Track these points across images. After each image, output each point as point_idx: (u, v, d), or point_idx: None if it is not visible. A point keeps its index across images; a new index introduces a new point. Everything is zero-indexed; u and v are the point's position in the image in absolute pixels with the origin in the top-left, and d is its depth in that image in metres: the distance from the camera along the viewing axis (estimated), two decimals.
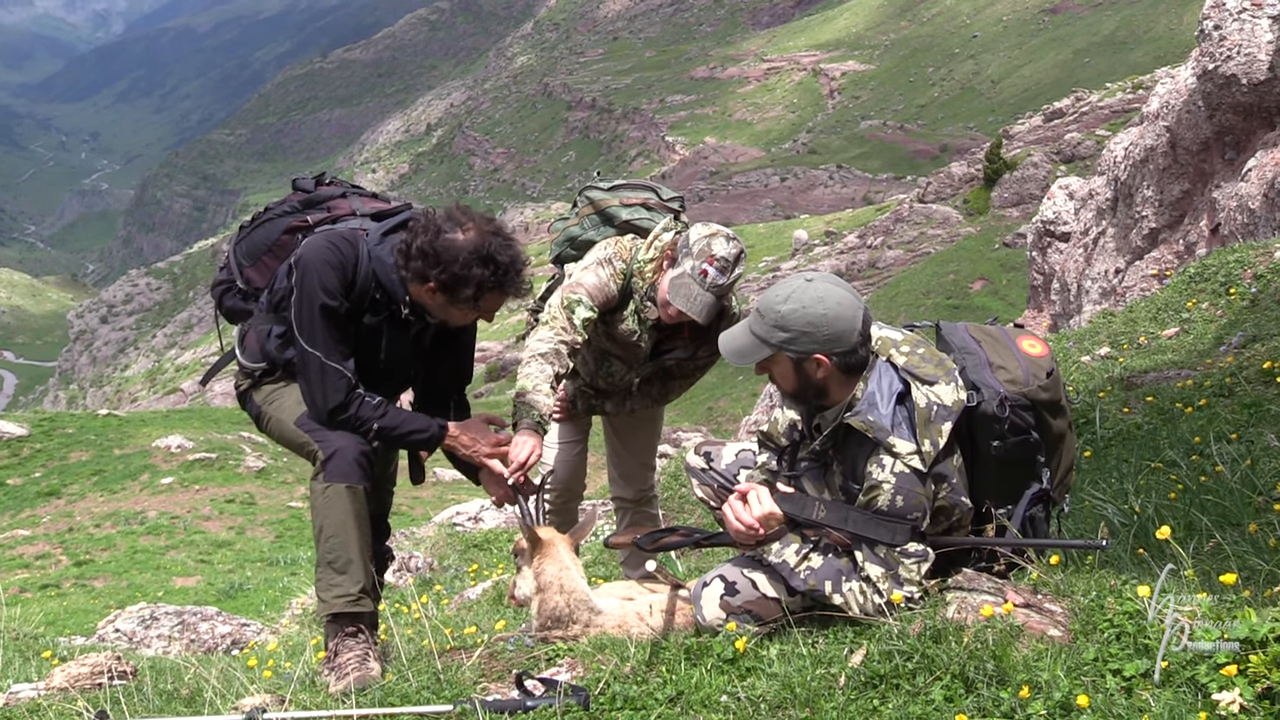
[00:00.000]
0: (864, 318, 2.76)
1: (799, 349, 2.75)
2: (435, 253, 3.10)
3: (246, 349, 3.40)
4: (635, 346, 3.94)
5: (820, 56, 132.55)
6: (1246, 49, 9.78)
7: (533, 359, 3.61)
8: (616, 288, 3.81)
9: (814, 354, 2.75)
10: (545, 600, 3.21)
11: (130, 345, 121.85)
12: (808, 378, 2.81)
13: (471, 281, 3.10)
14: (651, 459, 4.53)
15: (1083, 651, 2.36)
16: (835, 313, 2.72)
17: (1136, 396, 5.92)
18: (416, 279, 3.15)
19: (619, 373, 4.08)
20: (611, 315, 3.87)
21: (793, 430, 3.05)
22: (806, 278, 2.80)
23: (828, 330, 2.72)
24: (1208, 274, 8.11)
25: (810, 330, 2.73)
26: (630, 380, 4.12)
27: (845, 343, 2.74)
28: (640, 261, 3.81)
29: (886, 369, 2.80)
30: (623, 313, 3.87)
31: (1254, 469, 3.89)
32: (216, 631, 8.27)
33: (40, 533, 16.70)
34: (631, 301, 3.86)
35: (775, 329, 2.76)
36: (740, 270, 3.66)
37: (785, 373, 2.83)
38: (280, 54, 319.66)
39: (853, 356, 2.77)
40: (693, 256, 3.61)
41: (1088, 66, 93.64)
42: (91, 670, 3.68)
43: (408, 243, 3.16)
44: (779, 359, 2.81)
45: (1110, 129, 40.95)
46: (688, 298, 3.60)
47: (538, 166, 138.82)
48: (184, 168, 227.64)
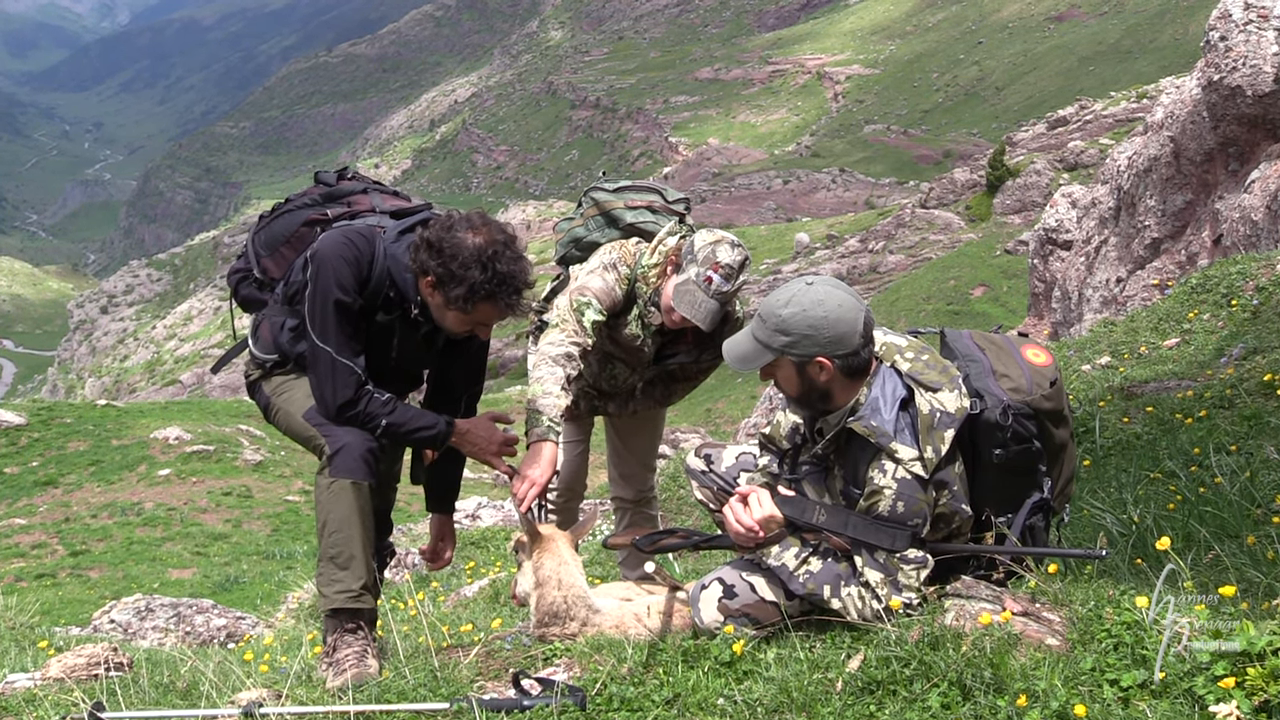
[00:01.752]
0: (865, 320, 2.76)
1: (801, 352, 2.75)
2: (439, 246, 3.10)
3: (260, 339, 3.40)
4: (639, 350, 3.94)
5: (825, 60, 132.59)
6: (1252, 60, 9.79)
7: (543, 362, 3.59)
8: (621, 292, 3.80)
9: (816, 357, 2.75)
10: (543, 595, 3.21)
11: (130, 336, 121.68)
12: (811, 381, 2.81)
13: (465, 282, 3.07)
14: (652, 460, 4.53)
15: (1080, 661, 2.36)
16: (836, 315, 2.73)
17: (1136, 406, 5.92)
18: (419, 271, 3.15)
19: (622, 375, 4.08)
20: (615, 319, 3.86)
21: (794, 434, 3.04)
22: (807, 281, 2.80)
23: (829, 333, 2.73)
24: (1209, 285, 8.11)
25: (812, 333, 2.73)
26: (633, 383, 4.12)
27: (847, 345, 2.74)
28: (644, 266, 3.80)
29: (890, 375, 2.80)
30: (626, 317, 3.87)
31: (1253, 481, 3.89)
32: (212, 624, 8.26)
33: (37, 522, 16.70)
34: (635, 306, 3.85)
35: (777, 333, 2.76)
36: (745, 277, 3.65)
37: (789, 376, 2.83)
38: (285, 47, 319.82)
39: (855, 359, 2.77)
40: (697, 263, 3.60)
41: (1092, 74, 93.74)
42: (88, 661, 3.68)
43: (419, 236, 3.17)
44: (782, 363, 2.81)
45: (1114, 138, 40.96)
46: (692, 304, 3.58)
47: (541, 164, 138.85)
48: (187, 159, 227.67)
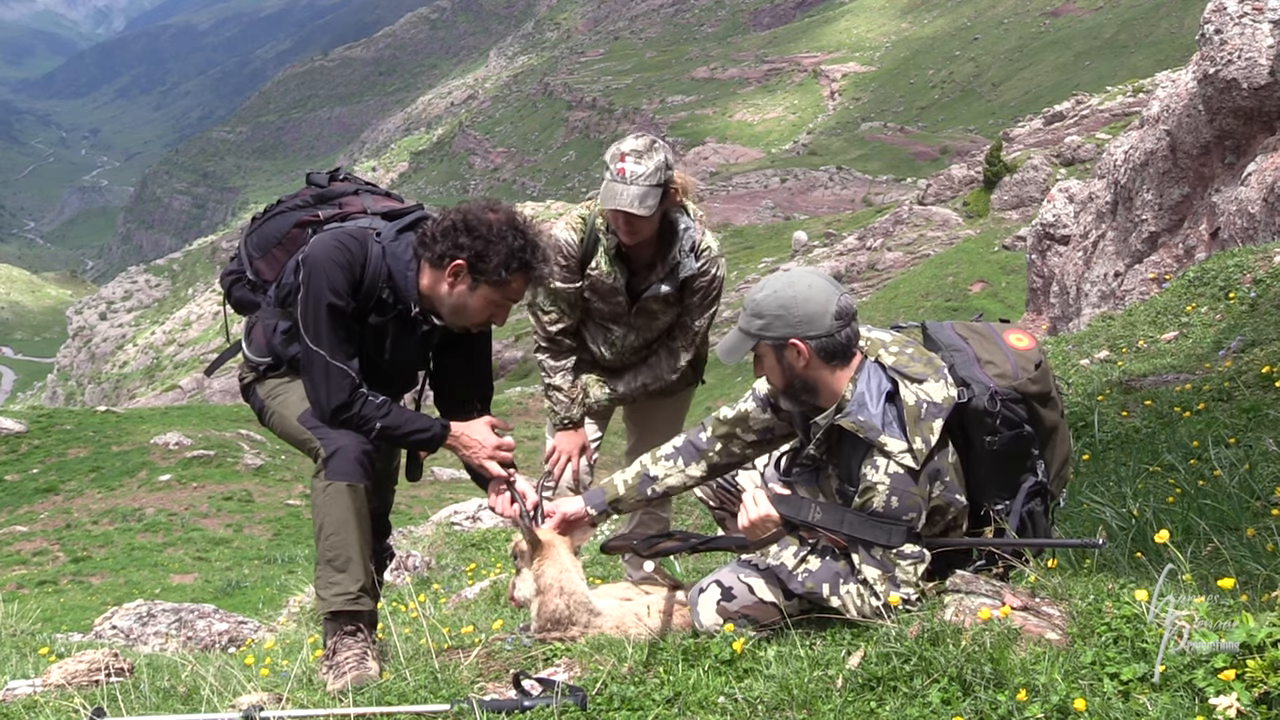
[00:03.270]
0: (840, 303, 2.77)
1: (775, 334, 2.78)
2: (469, 223, 3.12)
3: (253, 342, 3.39)
4: (615, 292, 3.98)
5: (821, 58, 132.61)
6: (1247, 53, 9.79)
7: (545, 357, 4.04)
8: (578, 236, 3.94)
9: (789, 339, 2.76)
10: (545, 603, 3.21)
11: (129, 342, 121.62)
12: (791, 368, 2.82)
13: (503, 249, 3.10)
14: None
15: (1080, 655, 2.36)
16: (805, 295, 2.76)
17: (1135, 400, 5.92)
18: (443, 258, 3.14)
19: (619, 339, 4.09)
20: (588, 270, 3.97)
21: (769, 431, 3.09)
22: (785, 269, 2.83)
23: (799, 312, 2.75)
24: (1207, 278, 8.11)
25: (782, 313, 2.76)
26: (632, 343, 4.11)
27: (819, 325, 2.75)
28: (597, 207, 3.94)
29: (875, 369, 2.81)
30: (595, 260, 3.95)
31: (1252, 473, 3.89)
32: (214, 629, 8.25)
33: (38, 529, 16.70)
34: (599, 247, 3.94)
35: (753, 318, 2.81)
36: (662, 156, 3.69)
37: (772, 365, 2.86)
38: (281, 52, 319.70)
39: (830, 341, 2.77)
40: (608, 165, 3.73)
41: (1088, 69, 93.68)
42: (89, 667, 3.67)
43: (429, 230, 3.17)
44: (764, 351, 2.84)
45: (1110, 132, 40.93)
46: (615, 196, 3.66)
47: (538, 166, 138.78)
48: (184, 165, 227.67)
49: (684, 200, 3.91)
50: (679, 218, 3.89)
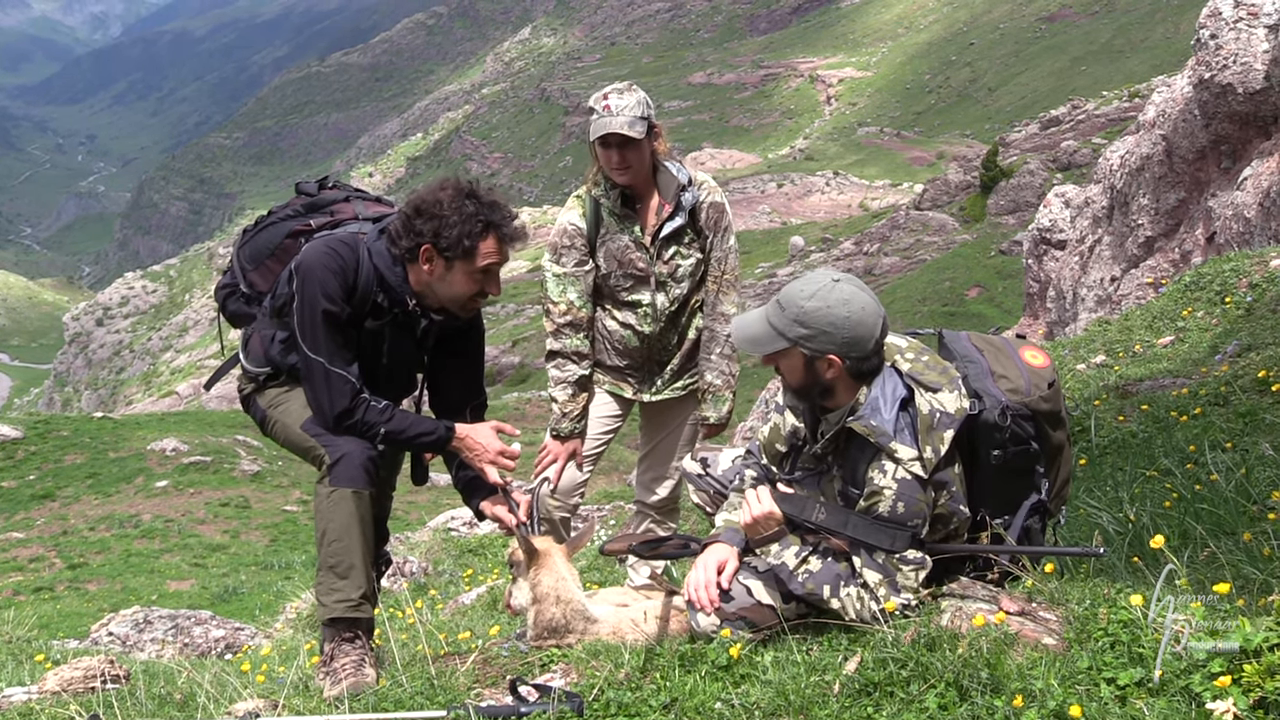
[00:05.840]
0: (882, 327, 2.75)
1: (815, 347, 2.74)
2: (419, 209, 3.14)
3: (250, 353, 3.38)
4: (632, 248, 4.00)
5: (817, 63, 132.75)
6: (1243, 58, 9.81)
7: (550, 366, 4.08)
8: (581, 211, 4.02)
9: (828, 354, 2.74)
10: (542, 611, 3.20)
11: (126, 348, 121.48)
12: (817, 376, 2.79)
13: (458, 219, 3.09)
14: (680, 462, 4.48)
15: (1077, 660, 2.35)
16: (859, 318, 2.71)
17: (1132, 404, 5.93)
18: (414, 245, 3.14)
19: (648, 306, 4.06)
20: (603, 239, 4.03)
21: (795, 435, 3.04)
22: (834, 278, 2.78)
23: (848, 333, 2.71)
24: (1203, 282, 8.12)
25: (831, 331, 2.72)
26: (664, 307, 4.07)
27: (861, 349, 2.73)
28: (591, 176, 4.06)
29: (890, 375, 2.80)
30: (606, 229, 4.02)
31: (1248, 478, 3.89)
32: (210, 635, 8.24)
33: (34, 535, 16.67)
34: (602, 213, 4.02)
35: (795, 324, 2.74)
36: (642, 94, 3.87)
37: (794, 367, 2.82)
38: (277, 58, 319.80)
39: (865, 363, 2.76)
40: (593, 109, 3.88)
41: (1084, 74, 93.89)
42: (84, 674, 3.66)
43: (392, 229, 3.19)
44: (791, 353, 2.79)
45: (1106, 137, 41.05)
46: (604, 125, 3.82)
47: (534, 171, 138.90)
48: (181, 171, 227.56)
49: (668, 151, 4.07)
50: (668, 164, 4.01)
